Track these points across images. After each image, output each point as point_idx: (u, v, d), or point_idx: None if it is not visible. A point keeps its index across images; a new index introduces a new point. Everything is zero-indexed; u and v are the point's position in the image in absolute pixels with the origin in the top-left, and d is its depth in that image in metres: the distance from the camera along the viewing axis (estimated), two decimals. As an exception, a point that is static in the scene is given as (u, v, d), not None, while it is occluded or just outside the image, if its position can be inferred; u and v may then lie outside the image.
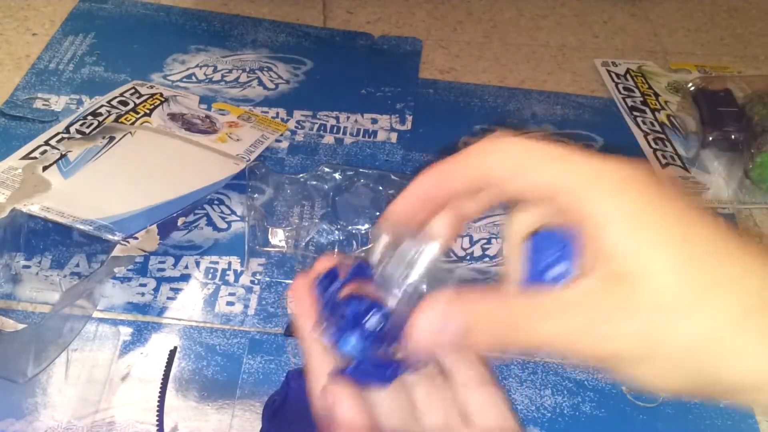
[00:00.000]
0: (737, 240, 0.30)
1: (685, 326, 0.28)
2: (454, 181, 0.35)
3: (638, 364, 0.30)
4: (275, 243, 0.70)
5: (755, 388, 0.28)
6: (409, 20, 1.03)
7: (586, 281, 0.30)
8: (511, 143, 0.33)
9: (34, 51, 0.91)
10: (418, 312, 0.32)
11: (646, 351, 0.29)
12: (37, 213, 0.66)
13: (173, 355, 0.63)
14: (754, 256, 0.29)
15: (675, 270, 0.29)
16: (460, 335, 0.32)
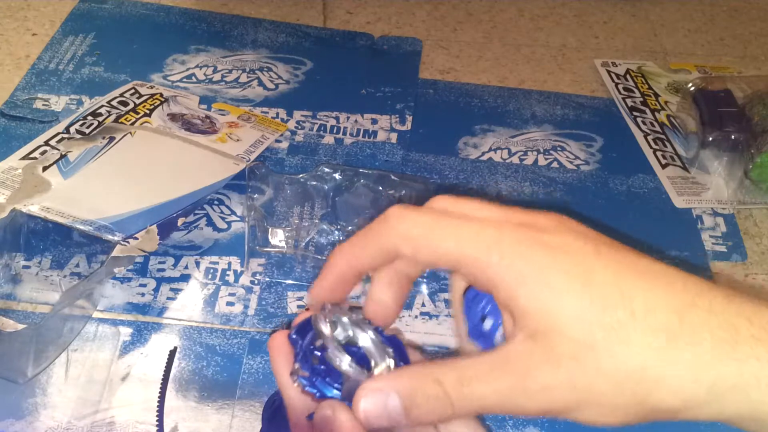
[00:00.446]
0: (645, 272, 0.32)
1: (608, 364, 0.30)
2: (365, 257, 0.37)
3: (579, 410, 0.32)
4: (275, 243, 0.70)
5: (688, 407, 0.30)
6: (409, 20, 1.03)
7: (510, 344, 0.33)
8: (416, 214, 0.35)
9: (34, 51, 0.91)
10: (358, 395, 0.34)
11: (580, 396, 0.31)
12: (37, 213, 0.66)
13: (173, 355, 0.63)
14: (662, 287, 0.32)
15: (581, 317, 0.31)
16: (401, 414, 0.33)
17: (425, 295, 0.69)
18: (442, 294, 0.69)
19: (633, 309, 0.31)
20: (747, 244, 0.76)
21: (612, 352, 0.30)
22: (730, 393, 0.30)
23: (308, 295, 0.39)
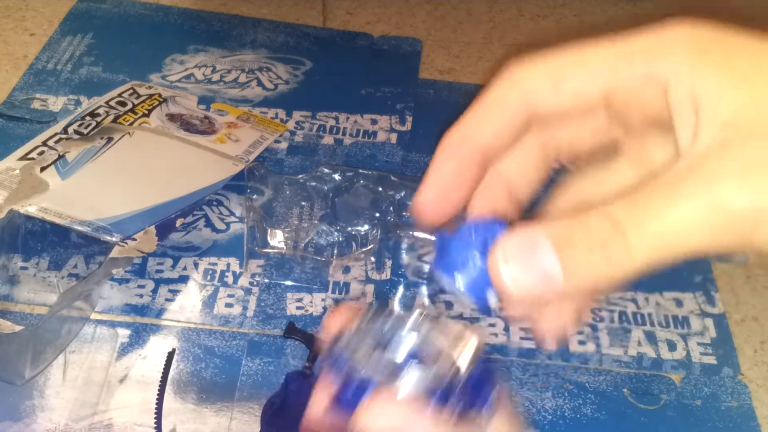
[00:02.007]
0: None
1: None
2: (487, 127, 0.29)
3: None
4: (274, 244, 0.70)
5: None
6: (409, 21, 1.03)
7: (690, 153, 0.25)
8: (539, 60, 0.28)
9: (32, 51, 0.91)
10: (496, 250, 0.25)
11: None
12: (35, 214, 0.66)
13: (171, 357, 0.62)
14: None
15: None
16: (556, 269, 0.24)
17: (425, 296, 0.69)
18: (443, 295, 0.69)
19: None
20: (749, 245, 0.76)
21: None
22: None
23: (415, 206, 0.30)
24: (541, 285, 0.25)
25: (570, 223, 0.25)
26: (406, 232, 0.72)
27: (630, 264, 0.24)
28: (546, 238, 0.24)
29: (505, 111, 0.29)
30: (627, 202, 0.24)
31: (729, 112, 0.24)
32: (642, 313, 0.69)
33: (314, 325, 0.66)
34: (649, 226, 0.23)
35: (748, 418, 0.63)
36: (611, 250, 0.24)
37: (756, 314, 0.71)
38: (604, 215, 0.24)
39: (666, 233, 0.23)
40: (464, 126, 0.29)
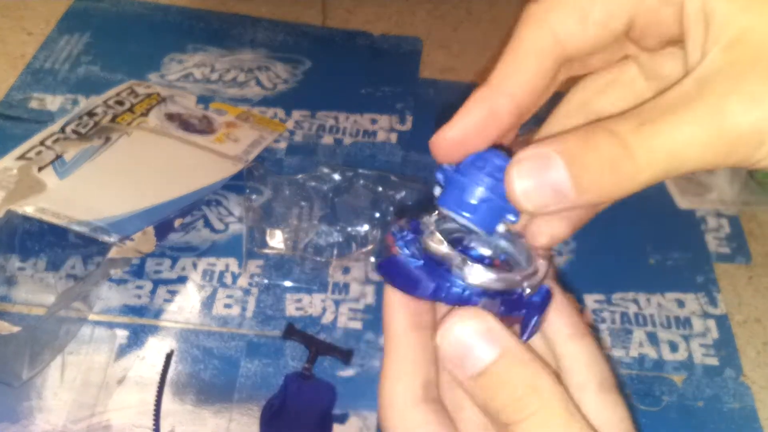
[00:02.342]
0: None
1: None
2: (522, 79, 0.29)
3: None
4: (273, 245, 0.69)
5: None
6: (409, 20, 1.03)
7: (702, 64, 0.25)
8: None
9: (30, 50, 0.90)
10: (511, 168, 0.26)
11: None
12: (33, 214, 0.66)
13: (170, 358, 0.62)
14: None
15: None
16: (567, 184, 0.26)
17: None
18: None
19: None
20: (751, 246, 0.75)
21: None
22: None
23: (436, 139, 0.30)
24: (553, 200, 0.26)
25: (581, 141, 0.26)
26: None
27: (637, 180, 0.25)
28: (558, 156, 0.25)
29: (537, 58, 0.29)
30: (635, 119, 0.25)
31: (738, 30, 0.24)
32: (644, 314, 0.69)
33: (314, 326, 0.66)
34: (656, 144, 0.24)
35: (751, 419, 0.62)
36: (620, 168, 0.25)
37: (758, 315, 0.70)
38: (613, 135, 0.25)
39: (673, 150, 0.24)
40: (498, 77, 0.29)
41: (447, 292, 0.29)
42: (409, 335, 0.31)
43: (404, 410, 0.30)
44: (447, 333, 0.28)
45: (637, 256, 0.74)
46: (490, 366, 0.27)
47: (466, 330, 0.28)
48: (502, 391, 0.27)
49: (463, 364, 0.28)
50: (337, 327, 0.66)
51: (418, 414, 0.30)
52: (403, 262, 0.31)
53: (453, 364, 0.28)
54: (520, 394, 0.27)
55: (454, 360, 0.28)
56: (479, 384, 0.27)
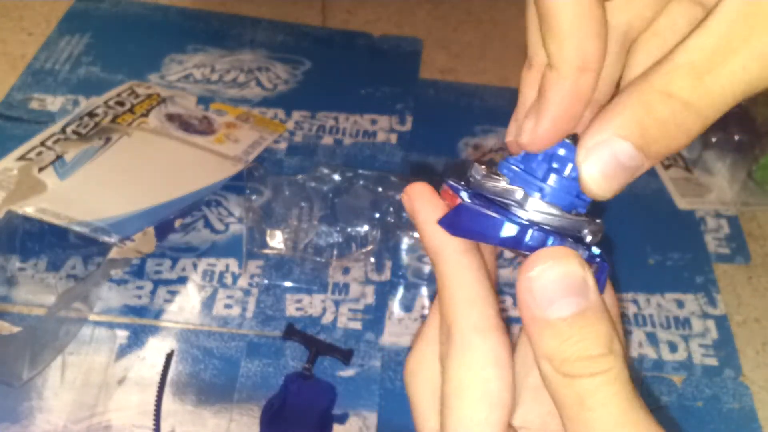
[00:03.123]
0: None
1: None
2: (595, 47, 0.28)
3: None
4: (273, 245, 0.70)
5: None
6: (409, 20, 1.03)
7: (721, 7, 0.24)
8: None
9: (30, 51, 0.90)
10: (580, 164, 0.26)
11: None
12: (33, 215, 0.66)
13: (170, 358, 0.62)
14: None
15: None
16: (637, 156, 0.25)
17: (425, 297, 0.69)
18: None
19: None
20: (751, 247, 0.76)
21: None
22: None
23: (530, 141, 0.29)
24: (628, 178, 0.26)
25: (640, 114, 0.25)
26: (406, 232, 0.71)
27: (703, 122, 0.25)
28: (622, 139, 0.25)
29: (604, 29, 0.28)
30: (688, 74, 0.24)
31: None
32: (643, 315, 0.69)
33: (314, 326, 0.66)
34: (715, 92, 0.24)
35: (750, 419, 0.63)
36: (685, 123, 0.25)
37: (758, 316, 0.70)
38: (671, 98, 0.25)
39: (731, 90, 0.24)
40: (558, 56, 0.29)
41: (531, 234, 0.28)
42: (471, 259, 0.30)
43: (484, 336, 0.28)
44: (543, 270, 0.26)
45: (637, 257, 0.74)
46: (576, 315, 0.26)
47: (564, 270, 0.26)
48: (580, 343, 0.26)
49: (547, 306, 0.26)
50: (337, 327, 0.66)
51: (497, 343, 0.29)
52: (474, 208, 0.29)
53: (536, 302, 0.26)
54: (597, 352, 0.26)
55: (540, 298, 0.26)
56: (557, 330, 0.26)
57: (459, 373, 0.28)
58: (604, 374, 0.25)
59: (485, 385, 0.28)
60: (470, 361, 0.28)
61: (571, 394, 0.26)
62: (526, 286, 0.26)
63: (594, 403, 0.25)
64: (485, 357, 0.28)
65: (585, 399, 0.25)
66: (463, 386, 0.28)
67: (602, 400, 0.25)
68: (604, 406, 0.25)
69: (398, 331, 0.66)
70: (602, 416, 0.25)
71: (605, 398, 0.25)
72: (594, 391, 0.25)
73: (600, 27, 0.28)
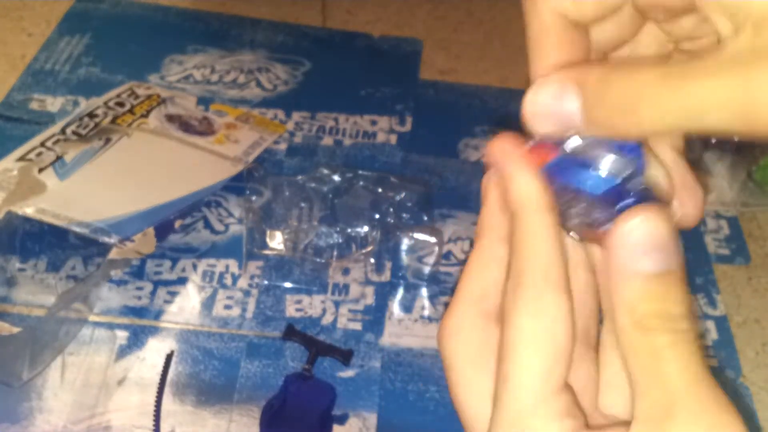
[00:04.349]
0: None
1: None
2: (542, 50, 0.30)
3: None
4: (273, 246, 0.70)
5: None
6: (409, 21, 1.03)
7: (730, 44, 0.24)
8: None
9: (30, 51, 0.90)
10: (529, 91, 0.28)
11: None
12: (33, 215, 0.66)
13: (170, 359, 0.62)
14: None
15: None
16: (575, 119, 0.27)
17: (425, 298, 0.69)
18: (443, 297, 0.69)
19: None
20: (750, 247, 0.76)
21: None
22: None
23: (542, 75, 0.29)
24: (560, 127, 0.27)
25: (602, 76, 0.26)
26: (406, 233, 0.71)
27: (649, 126, 0.25)
28: (576, 87, 0.26)
29: (548, 36, 0.30)
30: (661, 69, 0.25)
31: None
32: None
33: (313, 327, 0.66)
34: (677, 96, 0.24)
35: (750, 420, 0.63)
36: (636, 112, 0.25)
37: (758, 316, 0.70)
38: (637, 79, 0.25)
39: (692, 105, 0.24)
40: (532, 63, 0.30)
41: (628, 192, 0.28)
42: (553, 218, 0.30)
43: (559, 293, 0.29)
44: (639, 224, 0.27)
45: (637, 257, 0.74)
46: (664, 273, 0.26)
47: (659, 229, 0.27)
48: (664, 301, 0.26)
49: (638, 258, 0.26)
50: (336, 328, 0.66)
51: (568, 302, 0.29)
52: (578, 159, 0.29)
53: (629, 253, 0.27)
54: (678, 312, 0.26)
55: (633, 250, 0.27)
56: (644, 283, 0.26)
57: (527, 322, 0.28)
58: (684, 333, 0.26)
59: (554, 337, 0.28)
60: (542, 313, 0.28)
61: (648, 347, 0.26)
62: (621, 237, 0.27)
63: (672, 357, 0.25)
64: (557, 312, 0.28)
65: (662, 353, 0.25)
66: (531, 335, 0.28)
67: (680, 356, 0.25)
68: (681, 361, 0.25)
69: (398, 332, 0.66)
70: (679, 370, 0.25)
71: (683, 355, 0.25)
72: (673, 346, 0.25)
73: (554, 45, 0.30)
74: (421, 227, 0.72)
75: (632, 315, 0.26)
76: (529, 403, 0.27)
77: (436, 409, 0.62)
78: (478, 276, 0.32)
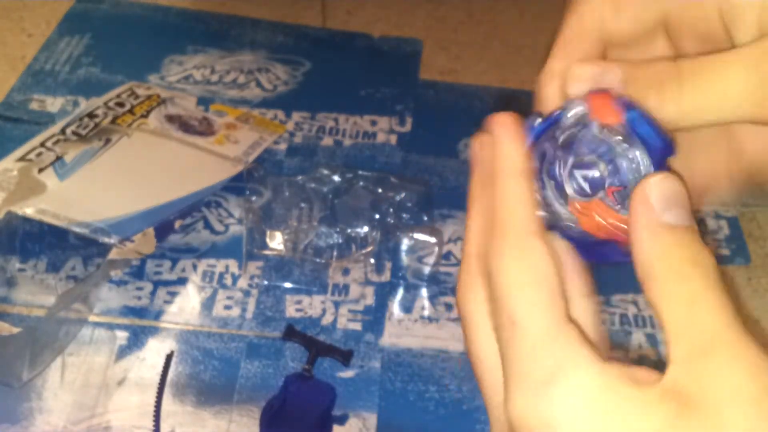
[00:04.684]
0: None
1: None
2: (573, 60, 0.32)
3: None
4: (273, 246, 0.70)
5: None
6: (409, 21, 1.03)
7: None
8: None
9: (30, 52, 0.90)
10: (576, 64, 0.31)
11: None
12: (33, 215, 0.66)
13: (170, 359, 0.62)
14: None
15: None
16: (615, 86, 0.30)
17: (425, 298, 0.69)
18: (443, 297, 0.69)
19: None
20: (750, 247, 0.76)
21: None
22: None
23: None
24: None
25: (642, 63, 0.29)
26: (406, 233, 0.71)
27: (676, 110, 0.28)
28: (619, 67, 0.30)
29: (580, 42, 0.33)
30: (692, 60, 0.28)
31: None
32: (643, 316, 0.69)
33: (313, 327, 0.66)
34: (703, 83, 0.28)
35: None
36: (666, 89, 0.28)
37: (758, 316, 0.70)
38: (671, 62, 0.29)
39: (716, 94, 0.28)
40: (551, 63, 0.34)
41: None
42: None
43: (541, 239, 0.30)
44: (662, 181, 0.28)
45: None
46: (687, 227, 0.27)
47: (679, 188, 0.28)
48: (694, 251, 0.27)
49: (663, 211, 0.27)
50: (336, 328, 0.66)
51: (552, 247, 0.30)
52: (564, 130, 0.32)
53: (654, 206, 0.28)
54: (707, 261, 0.27)
55: (657, 204, 0.28)
56: (672, 231, 0.27)
57: (514, 264, 0.29)
58: (716, 281, 0.26)
59: (544, 274, 0.28)
60: (526, 255, 0.29)
61: (686, 294, 0.26)
62: (645, 193, 0.28)
63: (708, 300, 0.26)
64: (540, 252, 0.29)
65: (698, 297, 0.26)
66: (521, 276, 0.29)
67: (715, 300, 0.26)
68: (716, 305, 0.26)
69: (398, 332, 0.66)
70: (715, 313, 0.25)
71: (718, 299, 0.26)
72: (708, 290, 0.26)
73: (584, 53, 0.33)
74: (421, 227, 0.72)
75: (668, 261, 0.27)
76: (544, 334, 0.27)
77: (436, 409, 0.62)
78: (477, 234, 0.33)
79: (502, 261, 0.29)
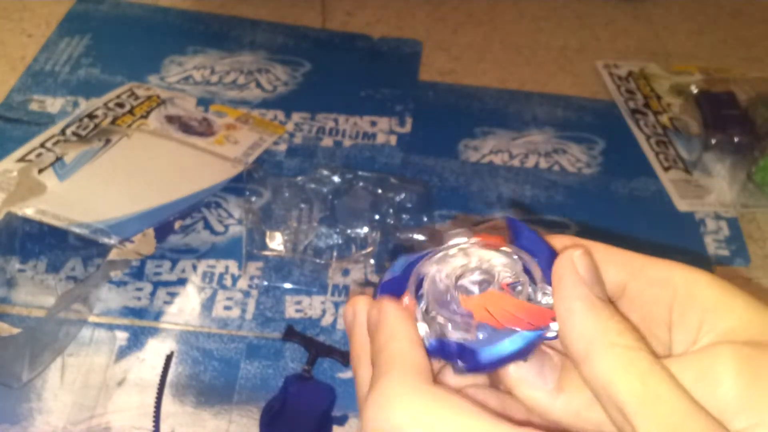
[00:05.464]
0: None
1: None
2: None
3: None
4: (273, 247, 0.70)
5: None
6: (408, 22, 1.03)
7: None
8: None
9: (30, 52, 0.90)
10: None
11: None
12: (33, 216, 0.66)
13: (170, 360, 0.62)
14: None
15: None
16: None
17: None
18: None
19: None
20: (750, 248, 0.75)
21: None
22: None
23: None
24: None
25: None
26: (406, 234, 0.71)
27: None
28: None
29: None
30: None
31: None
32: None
33: (313, 327, 0.66)
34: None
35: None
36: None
37: (757, 317, 0.70)
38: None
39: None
40: None
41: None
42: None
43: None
44: (583, 255, 0.29)
45: (637, 258, 0.74)
46: (607, 301, 0.29)
47: (596, 264, 0.29)
48: (622, 322, 0.27)
49: (591, 285, 0.28)
50: (336, 329, 0.66)
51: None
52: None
53: (583, 279, 0.28)
54: (633, 333, 0.27)
55: (587, 277, 0.28)
56: (605, 308, 0.28)
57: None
58: (647, 350, 0.27)
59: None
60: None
61: (637, 367, 0.26)
62: (573, 265, 0.28)
63: (659, 373, 0.26)
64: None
65: (649, 370, 0.26)
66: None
67: (655, 366, 0.26)
68: (666, 375, 0.26)
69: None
70: (670, 386, 0.26)
71: (655, 365, 0.26)
72: (647, 358, 0.26)
73: None
74: (421, 228, 0.72)
75: (605, 336, 0.27)
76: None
77: (435, 410, 0.62)
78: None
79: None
